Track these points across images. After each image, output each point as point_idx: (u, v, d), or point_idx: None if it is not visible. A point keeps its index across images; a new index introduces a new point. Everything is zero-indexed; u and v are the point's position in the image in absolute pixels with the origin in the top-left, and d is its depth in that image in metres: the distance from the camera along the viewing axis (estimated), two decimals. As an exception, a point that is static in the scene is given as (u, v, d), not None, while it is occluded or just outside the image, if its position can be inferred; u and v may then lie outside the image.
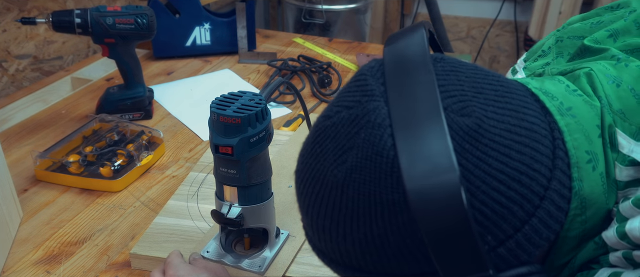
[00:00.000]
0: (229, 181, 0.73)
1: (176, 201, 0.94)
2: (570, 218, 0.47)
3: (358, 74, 0.49)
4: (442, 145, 0.40)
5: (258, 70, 1.52)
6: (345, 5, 2.17)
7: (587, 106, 0.49)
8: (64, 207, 0.96)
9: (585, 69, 0.52)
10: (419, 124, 0.41)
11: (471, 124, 0.43)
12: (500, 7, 2.66)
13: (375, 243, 0.44)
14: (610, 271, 0.46)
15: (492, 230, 0.43)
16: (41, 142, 1.14)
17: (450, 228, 0.40)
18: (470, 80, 0.46)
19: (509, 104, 0.45)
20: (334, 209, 0.46)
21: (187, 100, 1.34)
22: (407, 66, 0.45)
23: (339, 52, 1.64)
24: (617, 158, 0.48)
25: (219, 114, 0.68)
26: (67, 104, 1.30)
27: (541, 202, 0.44)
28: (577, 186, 0.46)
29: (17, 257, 0.85)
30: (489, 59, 2.84)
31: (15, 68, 1.39)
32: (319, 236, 0.49)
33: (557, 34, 0.64)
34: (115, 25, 1.12)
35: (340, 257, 0.48)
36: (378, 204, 0.43)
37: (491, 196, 0.42)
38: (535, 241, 0.44)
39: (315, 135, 0.48)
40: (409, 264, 0.44)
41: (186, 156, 1.12)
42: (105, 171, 1.00)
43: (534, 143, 0.44)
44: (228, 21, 1.56)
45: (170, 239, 0.85)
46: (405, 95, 0.43)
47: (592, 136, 0.47)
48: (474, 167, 0.42)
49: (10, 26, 1.35)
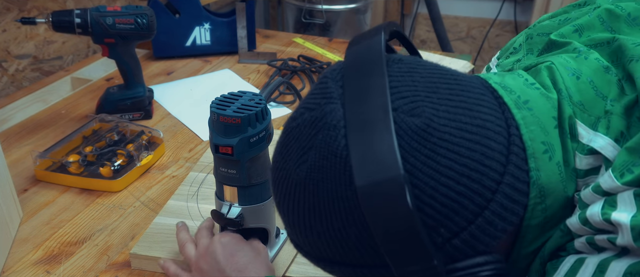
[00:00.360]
0: (229, 181, 0.73)
1: (176, 201, 0.94)
2: (531, 207, 0.49)
3: (321, 76, 0.52)
4: (388, 144, 0.43)
5: (258, 70, 1.52)
6: (345, 5, 2.17)
7: (543, 99, 0.51)
8: (64, 207, 0.96)
9: (547, 62, 0.54)
10: (370, 126, 0.44)
11: (420, 123, 0.45)
12: (500, 7, 2.66)
13: (337, 236, 0.48)
14: (576, 257, 0.48)
15: (444, 223, 0.45)
16: (41, 142, 1.14)
17: (396, 222, 0.43)
18: (425, 80, 0.49)
19: (463, 103, 0.48)
20: (299, 205, 0.49)
21: (187, 100, 1.34)
22: (363, 69, 0.48)
23: (339, 52, 1.64)
24: (577, 148, 0.50)
25: (219, 114, 0.68)
26: (67, 104, 1.30)
27: (493, 195, 0.46)
28: (535, 175, 0.48)
29: (17, 257, 0.85)
30: (488, 59, 2.84)
31: (15, 68, 1.39)
32: (291, 229, 0.52)
33: (527, 32, 0.67)
34: (115, 25, 1.12)
35: (311, 249, 0.52)
36: (335, 200, 0.46)
37: (440, 191, 0.45)
38: (490, 232, 0.47)
39: (283, 136, 0.52)
40: (368, 254, 0.48)
41: (186, 156, 1.12)
42: (105, 171, 1.00)
43: (486, 140, 0.46)
44: (228, 21, 1.56)
45: (170, 239, 0.85)
46: (359, 97, 0.46)
47: (548, 127, 0.49)
48: (422, 164, 0.44)
49: (10, 26, 1.35)
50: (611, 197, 0.46)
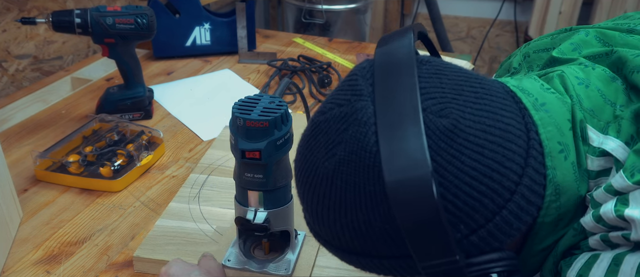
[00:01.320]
0: (255, 186, 0.71)
1: (178, 203, 0.94)
2: (546, 204, 0.51)
3: (351, 74, 0.53)
4: (418, 143, 0.45)
5: (258, 70, 1.52)
6: (345, 5, 2.17)
7: (559, 102, 0.53)
8: (64, 207, 0.96)
9: (558, 71, 0.57)
10: (400, 124, 0.46)
11: (448, 124, 0.47)
12: (500, 7, 2.66)
13: (361, 228, 0.49)
14: (590, 254, 0.51)
15: (464, 220, 0.47)
16: (41, 142, 1.14)
17: (422, 217, 0.45)
18: (452, 82, 0.50)
19: (486, 106, 0.50)
20: (325, 197, 0.50)
21: (187, 100, 1.34)
22: (394, 69, 0.50)
23: (339, 52, 1.64)
24: (588, 150, 0.53)
25: (245, 119, 0.66)
26: (67, 104, 1.30)
27: (512, 196, 0.48)
28: (551, 173, 0.51)
29: (17, 257, 0.85)
30: (489, 59, 2.84)
31: (15, 68, 1.39)
32: (314, 220, 0.54)
33: (523, 51, 0.70)
34: (115, 25, 1.12)
35: (333, 240, 0.53)
36: (362, 194, 0.48)
37: (463, 189, 0.47)
38: (507, 230, 0.49)
39: (311, 129, 0.53)
40: (390, 247, 0.49)
41: (186, 156, 1.12)
42: (105, 171, 1.00)
43: (507, 143, 0.49)
44: (228, 21, 1.56)
45: (173, 241, 0.85)
46: (390, 96, 0.48)
47: (563, 129, 0.52)
48: (448, 163, 0.46)
49: (10, 26, 1.35)
50: (623, 195, 0.48)
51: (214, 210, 0.93)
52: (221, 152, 1.08)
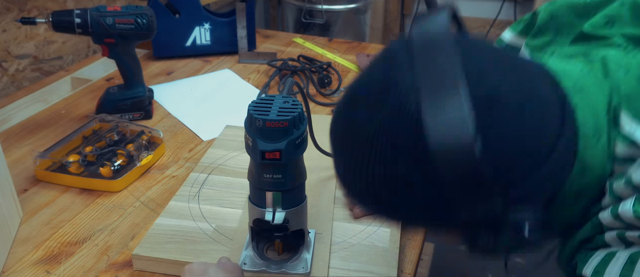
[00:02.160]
0: (274, 187, 0.70)
1: (177, 202, 0.94)
2: (572, 178, 0.54)
3: (386, 49, 0.56)
4: (459, 104, 0.46)
5: (258, 71, 1.52)
6: (345, 5, 2.17)
7: (597, 88, 0.56)
8: (64, 207, 0.96)
9: (600, 55, 0.59)
10: (442, 90, 0.47)
11: (487, 89, 0.48)
12: (500, 7, 2.66)
13: (398, 183, 0.51)
14: (606, 251, 0.53)
15: (501, 178, 0.48)
16: (41, 142, 1.14)
17: (465, 172, 0.46)
18: (489, 55, 0.53)
19: (523, 76, 0.51)
20: (365, 154, 0.52)
21: (187, 100, 1.34)
22: (432, 40, 0.51)
23: (339, 52, 1.64)
24: (617, 136, 0.54)
25: (265, 119, 0.66)
26: (67, 104, 1.30)
27: (547, 159, 0.50)
28: (581, 153, 0.53)
29: (17, 257, 0.85)
30: (489, 59, 2.84)
31: (15, 68, 1.39)
32: (350, 174, 0.55)
33: (549, 8, 0.71)
34: (115, 25, 1.12)
35: (366, 191, 0.54)
36: (403, 153, 0.50)
37: (503, 149, 0.48)
38: (539, 190, 0.51)
39: (351, 91, 0.56)
40: (429, 199, 0.51)
41: (186, 156, 1.12)
42: (105, 171, 1.00)
43: (544, 109, 0.51)
44: (228, 21, 1.56)
45: (172, 240, 0.85)
46: (430, 65, 0.49)
47: (599, 113, 0.55)
48: (488, 126, 0.47)
49: (10, 26, 1.35)
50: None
51: (214, 209, 0.93)
52: (222, 152, 1.08)
